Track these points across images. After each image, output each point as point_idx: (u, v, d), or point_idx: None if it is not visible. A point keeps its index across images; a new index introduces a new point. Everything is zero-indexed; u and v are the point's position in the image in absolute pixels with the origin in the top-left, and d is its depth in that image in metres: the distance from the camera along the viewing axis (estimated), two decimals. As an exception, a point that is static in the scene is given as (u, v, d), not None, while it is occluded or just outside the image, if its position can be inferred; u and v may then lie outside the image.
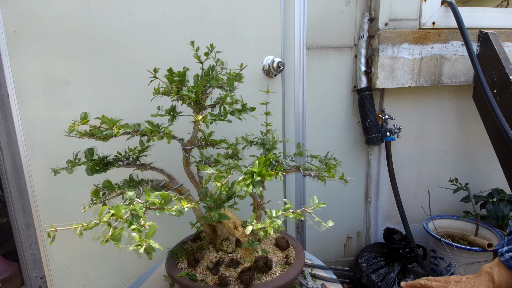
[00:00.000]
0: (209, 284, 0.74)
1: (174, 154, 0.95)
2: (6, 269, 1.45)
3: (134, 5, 1.08)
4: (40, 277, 1.16)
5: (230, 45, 1.19)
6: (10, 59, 1.00)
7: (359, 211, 1.68)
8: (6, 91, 1.02)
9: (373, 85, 1.44)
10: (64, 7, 1.02)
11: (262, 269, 0.77)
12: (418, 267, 1.36)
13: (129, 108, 1.14)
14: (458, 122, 1.64)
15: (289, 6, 1.31)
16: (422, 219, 1.65)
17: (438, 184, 1.67)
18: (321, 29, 1.43)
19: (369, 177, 1.64)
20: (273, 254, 0.87)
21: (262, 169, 0.55)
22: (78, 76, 1.07)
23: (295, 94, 1.41)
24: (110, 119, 0.65)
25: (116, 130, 0.61)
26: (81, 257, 1.18)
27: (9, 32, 0.99)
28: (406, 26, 1.44)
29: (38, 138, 1.07)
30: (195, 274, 0.77)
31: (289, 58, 1.36)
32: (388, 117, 1.51)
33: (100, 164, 0.72)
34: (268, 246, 0.91)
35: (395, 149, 1.59)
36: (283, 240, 0.91)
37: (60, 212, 1.12)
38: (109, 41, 1.07)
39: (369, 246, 1.55)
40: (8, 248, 1.60)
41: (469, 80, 1.49)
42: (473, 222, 1.56)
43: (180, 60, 1.15)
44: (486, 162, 1.68)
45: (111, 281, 1.23)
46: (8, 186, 1.09)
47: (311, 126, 1.50)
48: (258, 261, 0.78)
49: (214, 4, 1.15)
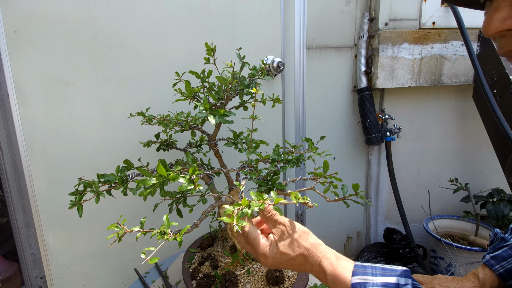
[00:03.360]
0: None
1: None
2: (6, 269, 1.45)
3: (134, 5, 1.08)
4: (40, 277, 1.16)
5: (230, 45, 1.19)
6: (10, 59, 1.00)
7: (359, 211, 1.68)
8: (6, 91, 1.02)
9: (373, 85, 1.44)
10: (64, 7, 1.02)
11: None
12: (418, 267, 1.36)
13: (129, 108, 1.14)
14: (458, 122, 1.64)
15: (289, 6, 1.31)
16: (422, 219, 1.65)
17: (438, 184, 1.67)
18: (321, 29, 1.43)
19: (369, 177, 1.64)
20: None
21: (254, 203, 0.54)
22: (78, 76, 1.07)
23: (295, 94, 1.41)
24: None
25: (186, 124, 0.66)
26: (81, 257, 1.18)
27: (9, 32, 0.99)
28: (406, 26, 1.44)
29: (38, 138, 1.07)
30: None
31: (289, 58, 1.35)
32: (388, 117, 1.51)
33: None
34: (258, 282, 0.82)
35: (395, 149, 1.59)
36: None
37: (60, 212, 1.12)
38: (109, 41, 1.07)
39: (369, 246, 1.55)
40: (8, 248, 1.60)
41: (469, 80, 1.49)
42: (473, 222, 1.56)
43: (180, 60, 1.15)
44: (486, 162, 1.68)
45: (111, 281, 1.23)
46: (8, 186, 1.09)
47: (311, 126, 1.50)
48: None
49: (214, 4, 1.15)
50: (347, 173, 1.61)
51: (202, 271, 0.84)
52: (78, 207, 0.65)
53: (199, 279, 0.80)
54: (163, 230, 0.51)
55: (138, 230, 0.53)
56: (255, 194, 0.56)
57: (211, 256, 0.88)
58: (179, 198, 0.76)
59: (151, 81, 1.14)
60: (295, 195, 0.58)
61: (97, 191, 0.65)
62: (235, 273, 0.80)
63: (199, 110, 0.66)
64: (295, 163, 0.78)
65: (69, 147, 1.10)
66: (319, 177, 0.67)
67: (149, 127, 1.15)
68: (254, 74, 0.81)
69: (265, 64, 0.81)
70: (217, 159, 0.88)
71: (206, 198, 0.82)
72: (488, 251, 0.75)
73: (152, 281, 1.00)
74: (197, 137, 0.94)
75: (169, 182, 0.54)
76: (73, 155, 1.11)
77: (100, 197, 0.65)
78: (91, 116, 1.11)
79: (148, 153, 1.12)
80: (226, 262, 0.86)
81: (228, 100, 0.79)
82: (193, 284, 0.80)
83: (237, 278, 0.79)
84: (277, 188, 0.69)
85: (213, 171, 0.78)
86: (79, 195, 0.66)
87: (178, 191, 0.70)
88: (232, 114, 0.70)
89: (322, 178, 0.64)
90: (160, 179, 0.54)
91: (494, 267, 0.70)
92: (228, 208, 0.52)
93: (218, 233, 1.01)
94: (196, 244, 0.99)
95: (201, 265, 0.87)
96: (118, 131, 1.14)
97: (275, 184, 0.69)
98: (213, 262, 0.85)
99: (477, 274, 0.72)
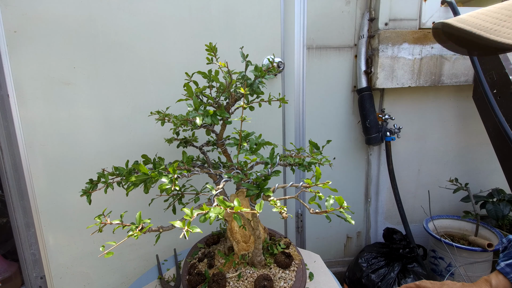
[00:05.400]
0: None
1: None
2: (6, 269, 1.45)
3: (134, 5, 1.08)
4: (40, 277, 1.16)
5: (230, 45, 1.19)
6: (10, 59, 1.00)
7: (359, 211, 1.68)
8: (6, 91, 1.02)
9: (373, 85, 1.44)
10: (64, 7, 1.02)
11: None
12: (418, 267, 1.36)
13: (129, 108, 1.14)
14: (458, 122, 1.64)
15: (289, 6, 1.31)
16: (422, 219, 1.65)
17: (438, 184, 1.67)
18: (321, 29, 1.43)
19: (369, 177, 1.64)
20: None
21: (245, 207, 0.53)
22: (78, 76, 1.07)
23: (295, 94, 1.41)
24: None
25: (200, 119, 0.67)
26: (81, 257, 1.18)
27: (9, 32, 0.99)
28: (406, 26, 1.44)
29: (38, 138, 1.07)
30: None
31: (289, 58, 1.36)
32: (388, 117, 1.51)
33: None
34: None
35: (395, 149, 1.59)
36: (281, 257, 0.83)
37: (60, 212, 1.12)
38: (109, 41, 1.07)
39: (369, 246, 1.55)
40: (8, 248, 1.60)
41: (469, 80, 1.49)
42: (473, 222, 1.56)
43: (180, 60, 1.15)
44: (486, 162, 1.68)
45: (111, 281, 1.23)
46: (8, 186, 1.09)
47: (311, 126, 1.50)
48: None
49: (214, 4, 1.15)
50: (347, 173, 1.61)
51: (198, 268, 0.85)
52: (87, 195, 0.71)
53: (192, 275, 0.81)
54: (134, 226, 0.53)
55: (117, 223, 0.56)
56: (220, 200, 0.52)
57: (210, 254, 0.89)
58: (175, 195, 0.77)
59: (151, 81, 1.14)
60: (274, 202, 0.57)
61: (106, 182, 0.71)
62: (225, 275, 0.79)
63: (189, 110, 0.67)
64: (305, 167, 0.77)
65: (69, 147, 1.11)
66: (310, 185, 0.62)
67: (149, 127, 1.16)
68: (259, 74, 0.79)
69: (272, 62, 0.80)
70: (226, 158, 0.88)
71: (199, 197, 0.83)
72: (502, 258, 0.73)
73: (167, 269, 1.05)
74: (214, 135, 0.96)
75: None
76: (73, 155, 1.11)
77: (100, 198, 0.68)
78: (91, 116, 1.11)
79: (148, 152, 1.12)
80: (222, 262, 0.86)
81: (233, 100, 0.79)
82: (186, 279, 0.81)
83: (225, 280, 0.78)
84: (263, 193, 0.65)
85: (202, 171, 0.78)
86: (94, 184, 0.72)
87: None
88: (226, 115, 0.70)
89: (315, 186, 0.60)
90: (139, 177, 0.58)
91: (510, 275, 0.69)
92: (187, 212, 0.49)
93: (225, 232, 1.02)
94: (204, 240, 0.99)
95: (200, 262, 0.88)
96: (118, 131, 1.14)
97: (264, 189, 0.66)
98: (209, 261, 0.86)
99: (489, 281, 0.70)
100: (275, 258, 0.85)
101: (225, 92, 0.77)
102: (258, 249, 0.80)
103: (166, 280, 0.96)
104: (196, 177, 1.18)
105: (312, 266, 0.98)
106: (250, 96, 0.81)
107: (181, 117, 0.72)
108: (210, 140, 0.94)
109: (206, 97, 0.79)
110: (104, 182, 0.71)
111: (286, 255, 0.85)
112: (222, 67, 0.75)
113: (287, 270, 0.82)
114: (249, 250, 0.85)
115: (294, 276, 0.81)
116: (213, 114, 0.68)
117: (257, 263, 0.81)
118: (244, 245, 0.84)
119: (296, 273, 0.82)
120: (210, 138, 0.94)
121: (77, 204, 1.13)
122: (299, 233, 1.58)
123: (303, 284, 0.79)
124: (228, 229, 0.85)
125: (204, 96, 0.80)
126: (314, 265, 0.98)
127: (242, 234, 0.84)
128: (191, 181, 1.16)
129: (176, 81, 1.15)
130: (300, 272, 0.82)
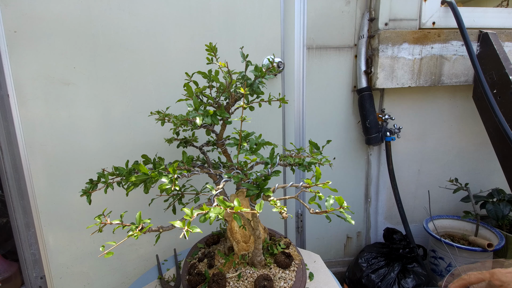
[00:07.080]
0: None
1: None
2: (6, 269, 1.44)
3: (134, 5, 1.08)
4: (40, 277, 1.16)
5: (230, 45, 1.19)
6: (10, 59, 1.00)
7: (359, 211, 1.68)
8: (6, 91, 1.02)
9: (373, 85, 1.44)
10: (64, 7, 1.02)
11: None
12: (418, 267, 1.36)
13: (129, 108, 1.14)
14: (458, 122, 1.64)
15: (289, 6, 1.31)
16: (422, 219, 1.65)
17: (438, 184, 1.67)
18: (321, 29, 1.43)
19: (369, 177, 1.64)
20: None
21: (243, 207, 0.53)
22: (78, 76, 1.07)
23: (295, 94, 1.41)
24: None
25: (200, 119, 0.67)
26: (81, 257, 1.18)
27: (9, 32, 0.99)
28: (406, 26, 1.44)
29: (38, 138, 1.07)
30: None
31: (289, 58, 1.36)
32: (388, 117, 1.51)
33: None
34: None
35: (395, 149, 1.59)
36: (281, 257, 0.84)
37: (60, 212, 1.12)
38: (109, 41, 1.07)
39: (369, 246, 1.55)
40: (8, 248, 1.60)
41: (469, 80, 1.49)
42: (473, 222, 1.56)
43: (180, 60, 1.15)
44: (486, 162, 1.68)
45: (111, 281, 1.23)
46: (8, 186, 1.09)
47: (311, 126, 1.50)
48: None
49: (214, 4, 1.15)
50: (347, 173, 1.61)
51: (198, 268, 0.84)
52: (87, 195, 0.71)
53: (192, 275, 0.80)
54: (134, 226, 0.52)
55: (117, 223, 0.56)
56: (220, 200, 0.52)
57: (210, 254, 0.88)
58: (175, 195, 0.77)
59: (151, 81, 1.14)
60: (274, 202, 0.57)
61: (106, 182, 0.71)
62: (225, 275, 0.79)
63: (189, 110, 0.67)
64: (305, 167, 0.76)
65: (69, 147, 1.11)
66: (310, 186, 0.62)
67: (149, 127, 1.16)
68: (259, 74, 0.79)
69: (272, 62, 0.80)
70: (226, 158, 0.88)
71: (199, 197, 0.83)
72: None
73: (167, 269, 1.04)
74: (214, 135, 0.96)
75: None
76: (73, 155, 1.11)
77: (100, 198, 0.67)
78: (91, 116, 1.11)
79: (148, 152, 1.12)
80: (222, 262, 0.86)
81: (233, 100, 0.79)
82: (186, 279, 0.80)
83: (225, 280, 0.77)
84: (263, 193, 0.65)
85: (202, 171, 0.78)
86: (94, 184, 0.72)
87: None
88: (226, 115, 0.70)
89: (315, 186, 0.60)
90: (139, 177, 0.58)
91: None
92: (187, 212, 0.49)
93: (225, 232, 1.02)
94: (204, 240, 0.99)
95: (200, 262, 0.87)
96: (118, 131, 1.14)
97: (264, 189, 0.67)
98: (209, 261, 0.86)
99: None
100: (275, 258, 0.85)
101: (225, 92, 0.77)
102: (258, 249, 0.80)
103: (166, 280, 0.96)
104: (196, 177, 1.18)
105: (312, 266, 0.98)
106: (250, 96, 0.81)
107: (181, 117, 0.72)
108: (210, 140, 0.94)
109: (206, 97, 0.79)
110: (104, 182, 0.71)
111: (286, 255, 0.85)
112: (222, 67, 0.75)
113: (287, 270, 0.82)
114: (249, 250, 0.85)
115: (294, 276, 0.81)
116: (213, 114, 0.68)
117: (257, 263, 0.81)
118: (244, 245, 0.84)
119: (296, 273, 0.82)
120: (210, 138, 0.94)
121: (77, 204, 1.13)
122: (299, 233, 1.58)
123: (303, 284, 0.79)
124: (228, 229, 0.85)
125: (204, 96, 0.80)
126: (314, 265, 0.98)
127: (242, 234, 0.84)
128: (191, 181, 1.16)
129: (176, 81, 1.15)
130: (300, 272, 0.82)
